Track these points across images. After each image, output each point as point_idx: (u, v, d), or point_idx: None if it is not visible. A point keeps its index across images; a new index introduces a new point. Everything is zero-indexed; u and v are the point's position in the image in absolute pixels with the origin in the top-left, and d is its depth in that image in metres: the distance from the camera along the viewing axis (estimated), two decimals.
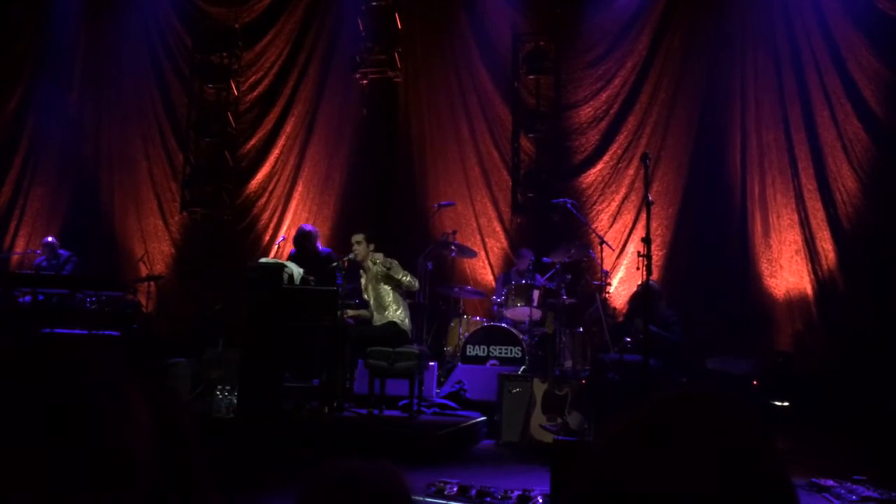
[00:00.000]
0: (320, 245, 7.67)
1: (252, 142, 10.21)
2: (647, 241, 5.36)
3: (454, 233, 8.26)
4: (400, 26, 9.75)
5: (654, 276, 7.33)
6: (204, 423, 5.84)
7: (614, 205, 8.79)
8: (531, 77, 9.29)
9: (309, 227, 7.73)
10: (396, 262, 6.52)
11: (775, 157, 8.22)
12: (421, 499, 4.21)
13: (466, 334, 7.71)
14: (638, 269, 5.56)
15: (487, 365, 7.40)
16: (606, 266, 7.88)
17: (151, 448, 0.70)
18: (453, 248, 8.03)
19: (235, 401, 6.09)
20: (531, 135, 9.24)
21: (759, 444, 0.68)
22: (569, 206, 7.84)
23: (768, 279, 8.10)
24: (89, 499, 0.64)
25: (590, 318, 7.50)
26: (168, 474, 0.93)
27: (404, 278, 6.51)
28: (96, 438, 0.65)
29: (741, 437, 0.68)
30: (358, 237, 6.69)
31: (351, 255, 6.64)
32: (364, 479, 0.96)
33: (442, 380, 7.45)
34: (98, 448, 0.65)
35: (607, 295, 7.76)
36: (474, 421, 6.56)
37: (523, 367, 7.20)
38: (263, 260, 7.30)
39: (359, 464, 0.98)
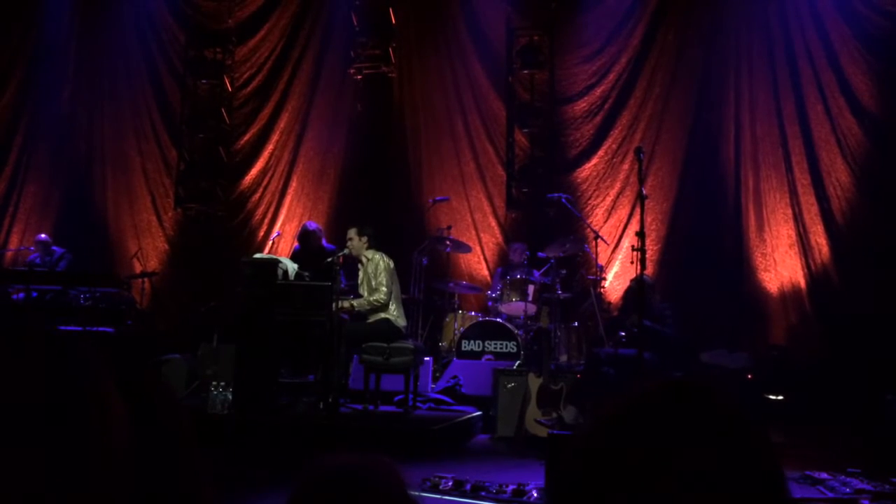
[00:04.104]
0: (325, 242, 7.64)
1: (246, 137, 10.18)
2: (641, 235, 5.38)
3: (449, 228, 8.26)
4: (394, 21, 9.73)
5: (649, 270, 7.32)
6: (199, 420, 5.84)
7: (609, 199, 8.79)
8: (525, 72, 9.27)
9: (313, 224, 7.71)
10: (384, 277, 6.48)
11: (769, 151, 8.23)
12: (416, 493, 4.21)
13: (461, 329, 7.71)
14: (632, 263, 5.56)
15: (483, 360, 7.41)
16: (601, 261, 7.89)
17: (127, 444, 0.69)
18: (448, 243, 8.03)
19: (231, 397, 6.09)
20: (526, 129, 9.23)
21: (751, 435, 0.68)
22: (563, 200, 7.84)
23: (762, 273, 8.13)
24: (60, 495, 0.64)
25: (585, 312, 7.51)
26: (161, 471, 0.93)
27: (370, 296, 6.49)
28: (66, 434, 0.65)
29: (731, 429, 0.68)
30: (350, 232, 6.70)
31: (345, 251, 6.63)
32: (360, 473, 0.96)
33: (437, 375, 7.45)
34: (68, 444, 0.65)
35: (602, 289, 7.77)
36: (469, 416, 6.57)
37: (518, 362, 7.20)
38: (258, 255, 7.29)
39: (354, 458, 0.97)
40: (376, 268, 6.53)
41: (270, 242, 9.08)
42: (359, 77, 9.76)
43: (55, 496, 0.63)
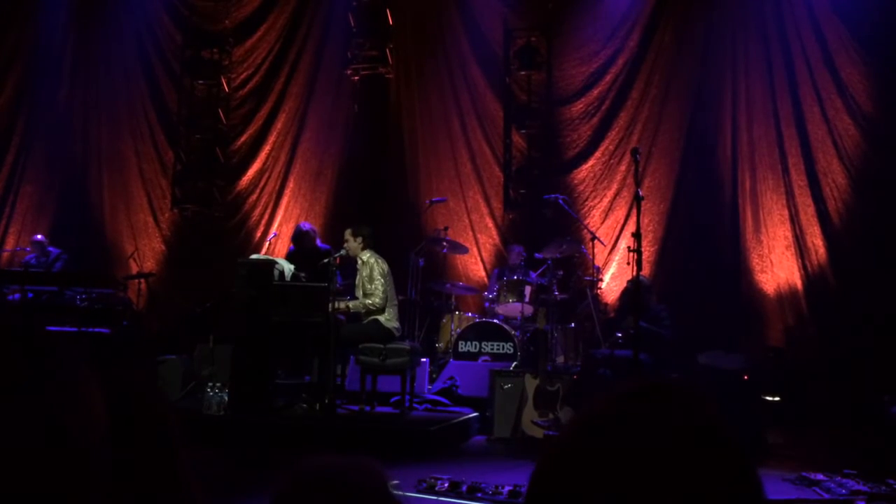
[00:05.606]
0: (320, 242, 7.65)
1: (243, 138, 10.17)
2: (637, 236, 5.38)
3: (446, 229, 8.24)
4: (391, 22, 9.72)
5: (646, 271, 7.34)
6: (195, 421, 5.83)
7: (606, 200, 8.79)
8: (523, 73, 9.27)
9: (307, 225, 7.71)
10: (378, 282, 6.46)
11: (766, 152, 8.24)
12: (412, 494, 4.21)
13: (458, 330, 7.71)
14: (629, 264, 5.56)
15: (479, 361, 7.40)
16: (598, 262, 7.89)
17: (103, 440, 0.69)
18: (445, 244, 8.02)
19: (227, 398, 6.08)
20: (523, 130, 9.23)
21: (725, 438, 0.67)
22: (560, 201, 7.83)
23: (759, 274, 8.13)
24: (35, 480, 0.63)
25: (581, 313, 7.51)
26: (150, 473, 0.93)
27: (365, 299, 6.48)
28: (41, 420, 0.65)
29: (704, 432, 0.67)
30: (346, 233, 6.69)
31: (342, 251, 6.63)
32: (343, 474, 0.95)
33: (434, 376, 7.45)
34: (44, 430, 0.65)
35: (599, 290, 7.76)
36: (466, 417, 6.57)
37: (515, 363, 7.20)
38: (254, 256, 7.29)
39: (335, 460, 0.97)
40: (370, 271, 6.52)
41: (267, 243, 9.08)
42: (356, 78, 9.75)
43: (30, 493, 0.63)
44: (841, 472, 4.78)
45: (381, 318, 6.50)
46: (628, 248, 5.54)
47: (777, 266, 8.08)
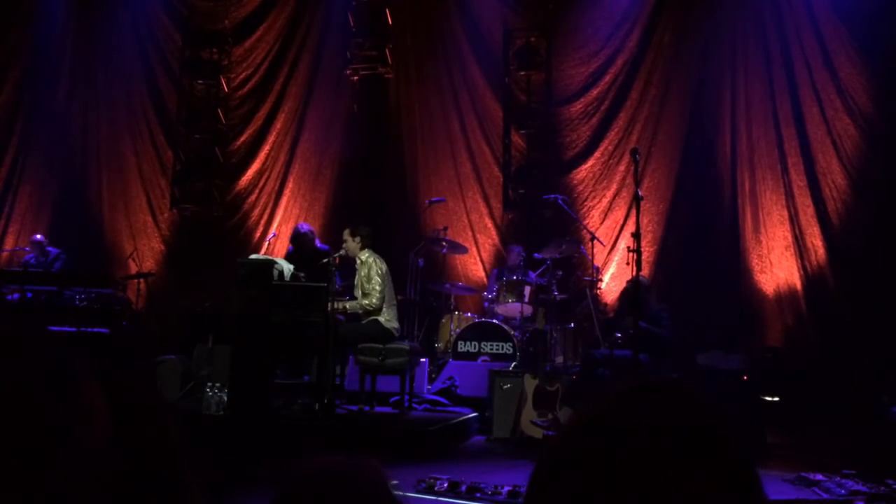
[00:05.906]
0: (319, 242, 7.65)
1: (242, 138, 10.17)
2: (636, 236, 5.38)
3: (445, 229, 8.24)
4: (390, 22, 9.72)
5: (645, 271, 7.34)
6: (194, 421, 5.83)
7: (605, 201, 8.80)
8: (522, 73, 9.28)
9: (305, 226, 7.71)
10: (376, 282, 6.46)
11: (765, 153, 8.25)
12: (411, 494, 4.21)
13: (458, 330, 7.71)
14: (628, 264, 5.57)
15: (478, 361, 7.40)
16: (598, 262, 7.88)
17: (106, 440, 0.69)
18: (444, 244, 8.02)
19: (226, 398, 6.08)
20: (522, 131, 9.23)
21: (720, 435, 0.67)
22: (560, 202, 7.84)
23: (758, 275, 8.13)
24: (34, 481, 0.63)
25: (581, 313, 7.51)
26: (149, 474, 0.93)
27: (363, 299, 6.48)
28: (39, 421, 0.65)
29: (699, 429, 0.67)
30: (344, 233, 6.69)
31: (341, 252, 6.62)
32: (343, 474, 0.95)
33: (433, 376, 7.45)
34: (43, 430, 0.65)
35: (598, 291, 7.76)
36: (465, 417, 6.57)
37: (514, 363, 7.20)
38: (254, 256, 7.29)
39: (336, 459, 0.97)
40: (369, 271, 6.52)
41: (266, 243, 9.07)
42: (355, 78, 9.75)
43: (33, 494, 0.63)
44: (840, 472, 4.78)
45: (381, 318, 6.50)
46: (628, 248, 5.55)
47: (776, 266, 8.09)
